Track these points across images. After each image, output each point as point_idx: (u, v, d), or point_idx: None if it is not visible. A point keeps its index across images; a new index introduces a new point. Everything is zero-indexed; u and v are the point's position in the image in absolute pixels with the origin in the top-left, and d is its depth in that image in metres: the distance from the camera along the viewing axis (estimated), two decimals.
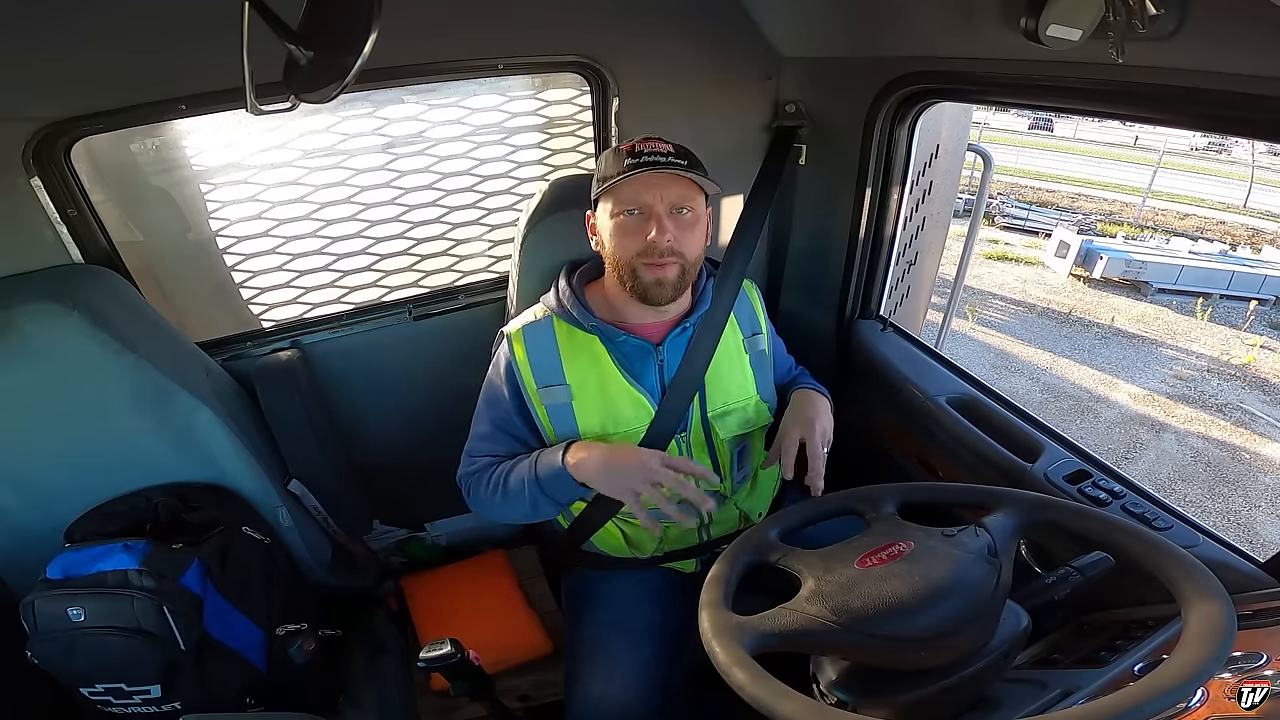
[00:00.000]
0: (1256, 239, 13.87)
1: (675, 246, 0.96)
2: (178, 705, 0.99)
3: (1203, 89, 0.72)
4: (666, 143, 0.97)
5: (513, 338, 1.05)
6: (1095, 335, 8.04)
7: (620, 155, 0.96)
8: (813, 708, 0.57)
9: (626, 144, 0.97)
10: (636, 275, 0.97)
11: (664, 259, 0.96)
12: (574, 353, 1.04)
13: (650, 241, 0.94)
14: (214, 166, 1.32)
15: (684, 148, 0.98)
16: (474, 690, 1.03)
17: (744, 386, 1.10)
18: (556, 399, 1.03)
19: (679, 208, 0.96)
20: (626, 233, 0.97)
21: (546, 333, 1.05)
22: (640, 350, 1.04)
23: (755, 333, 1.14)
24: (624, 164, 0.95)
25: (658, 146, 0.96)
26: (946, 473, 1.23)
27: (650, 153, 0.95)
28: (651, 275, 0.97)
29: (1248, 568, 0.82)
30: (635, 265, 0.97)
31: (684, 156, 0.96)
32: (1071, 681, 0.71)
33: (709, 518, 1.13)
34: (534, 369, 1.04)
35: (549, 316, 1.06)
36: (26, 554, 1.05)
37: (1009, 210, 13.31)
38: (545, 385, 1.03)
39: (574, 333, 1.04)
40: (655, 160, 0.94)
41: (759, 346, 1.14)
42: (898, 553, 0.69)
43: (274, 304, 1.45)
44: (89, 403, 1.02)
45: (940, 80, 1.13)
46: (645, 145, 0.96)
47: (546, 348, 1.04)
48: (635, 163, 0.94)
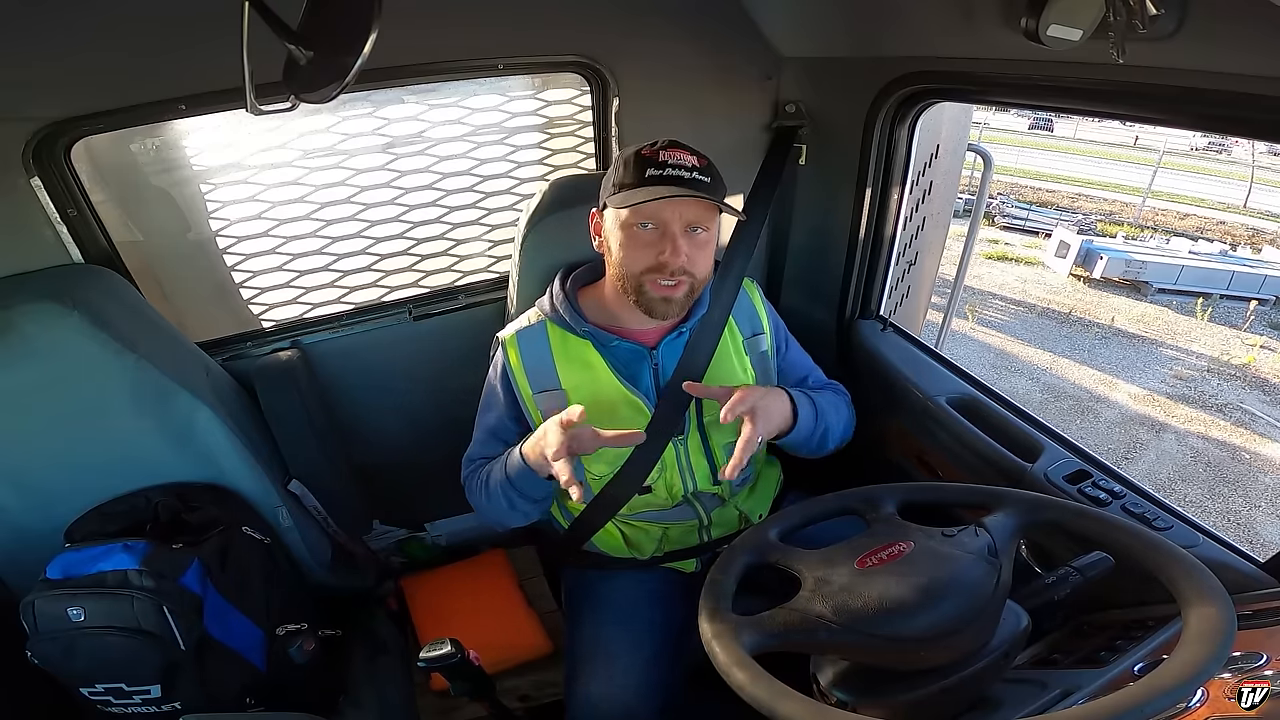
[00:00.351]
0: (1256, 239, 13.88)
1: (687, 266, 0.94)
2: (178, 705, 0.99)
3: (1203, 89, 0.72)
4: (691, 153, 0.93)
5: (507, 343, 1.05)
6: (1095, 335, 8.04)
7: (641, 162, 0.92)
8: (813, 708, 0.57)
9: (649, 148, 0.93)
10: (643, 291, 0.95)
11: (674, 278, 0.94)
12: (568, 357, 1.03)
13: (663, 261, 0.92)
14: (214, 166, 1.32)
15: (708, 160, 0.94)
16: (474, 690, 1.03)
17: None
18: (552, 404, 1.02)
19: (695, 226, 0.94)
20: (638, 246, 0.94)
21: (540, 337, 1.04)
22: (634, 354, 1.04)
23: (756, 333, 1.12)
24: (645, 174, 0.90)
25: (683, 159, 0.91)
26: (946, 473, 1.23)
27: (675, 165, 0.90)
28: (659, 294, 0.95)
29: (1248, 568, 0.82)
30: (643, 281, 0.95)
31: (707, 172, 0.93)
32: (1071, 681, 0.71)
33: (708, 519, 1.13)
34: (529, 374, 1.03)
35: (543, 321, 1.05)
36: (26, 554, 1.05)
37: (1009, 210, 13.31)
38: (541, 390, 1.03)
39: (568, 337, 1.03)
40: (679, 177, 0.90)
41: (760, 347, 1.12)
42: (898, 553, 0.69)
43: (274, 304, 1.45)
44: (89, 403, 1.02)
45: (940, 80, 1.12)
46: (670, 155, 0.91)
47: (540, 352, 1.03)
48: (658, 175, 0.90)
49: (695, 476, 1.08)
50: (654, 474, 1.06)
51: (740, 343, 1.10)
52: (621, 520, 1.13)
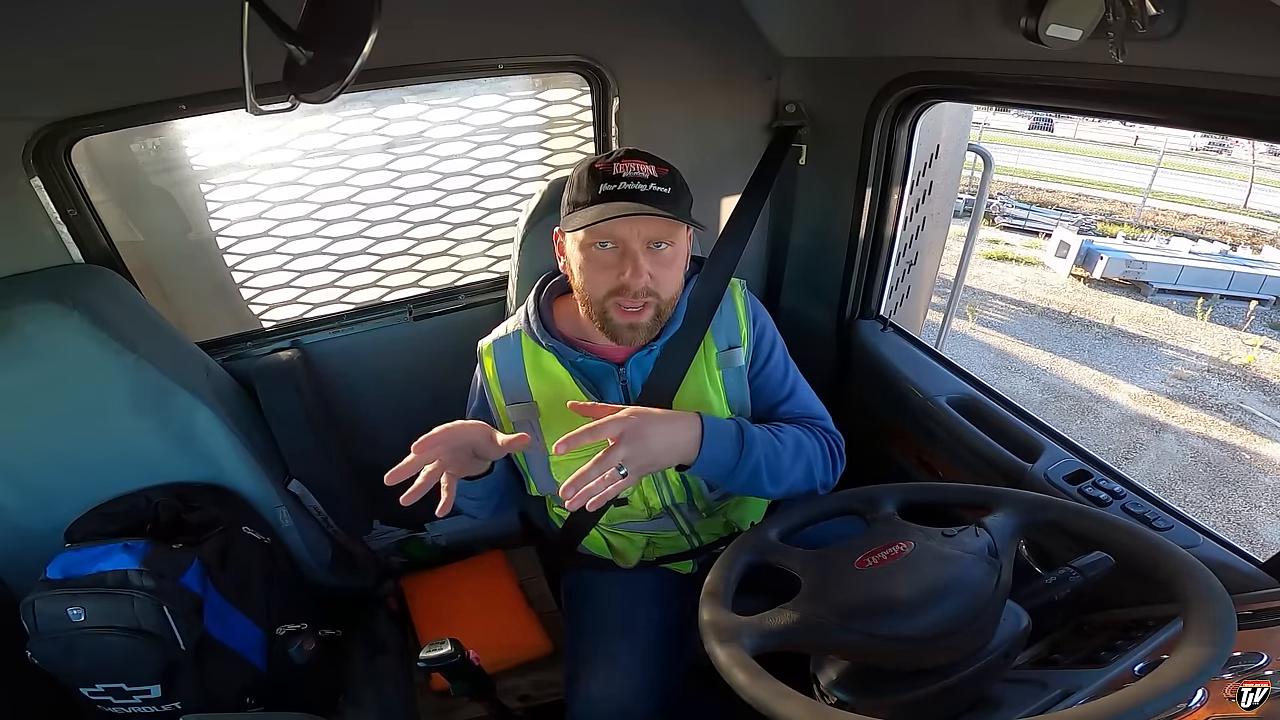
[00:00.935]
0: (1257, 239, 13.87)
1: (651, 286, 0.87)
2: (178, 705, 0.99)
3: (1202, 89, 0.72)
4: (650, 162, 0.85)
5: (483, 352, 1.01)
6: (1095, 335, 8.04)
7: (595, 176, 0.85)
8: (813, 708, 0.57)
9: (602, 161, 0.85)
10: (607, 317, 0.89)
11: (638, 300, 0.87)
12: (539, 370, 0.98)
13: (624, 282, 0.86)
14: (214, 166, 1.32)
15: (669, 168, 0.87)
16: (474, 690, 1.03)
17: (716, 406, 0.99)
18: (523, 416, 0.99)
19: (657, 242, 0.86)
20: (598, 268, 0.87)
21: (515, 348, 1.00)
22: (602, 371, 0.98)
23: (733, 345, 1.01)
24: (599, 189, 0.84)
25: (638, 169, 0.84)
26: (946, 473, 1.23)
27: (630, 178, 0.83)
28: (624, 319, 0.89)
29: (1248, 568, 0.82)
30: (606, 306, 0.88)
31: (667, 182, 0.85)
32: (1071, 681, 0.71)
33: (691, 529, 1.09)
34: (502, 385, 1.00)
35: (518, 331, 1.00)
36: (26, 554, 1.05)
37: (1009, 210, 13.31)
38: (513, 401, 0.99)
39: (538, 350, 0.98)
40: (634, 190, 0.83)
41: (736, 362, 1.00)
42: (898, 553, 0.69)
43: (274, 304, 1.45)
44: (89, 403, 1.02)
45: (940, 80, 1.13)
46: (624, 167, 0.84)
47: (514, 363, 0.99)
48: (612, 189, 0.83)
49: (670, 489, 1.04)
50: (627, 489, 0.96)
51: (714, 357, 0.99)
52: (605, 529, 1.12)
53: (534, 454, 1.01)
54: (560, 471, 0.98)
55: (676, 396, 0.97)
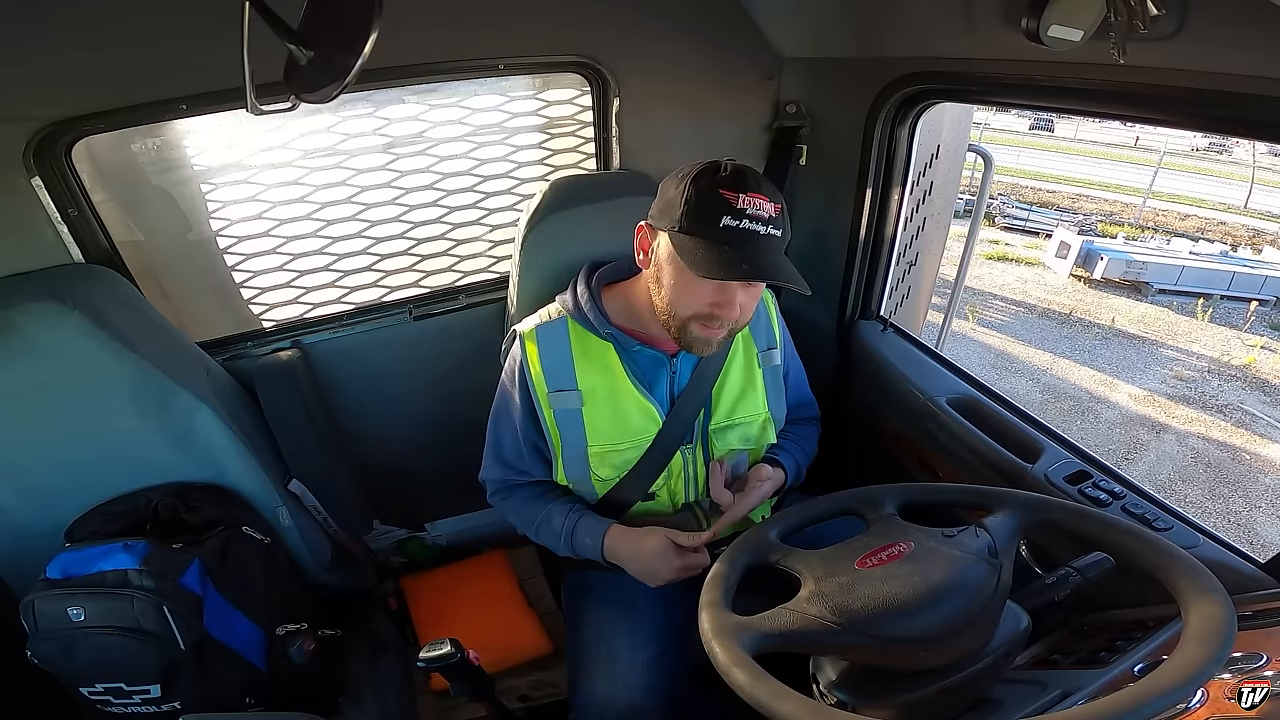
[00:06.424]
0: (1257, 240, 13.88)
1: (740, 319, 0.92)
2: (177, 705, 0.99)
3: (1204, 90, 0.72)
4: (767, 195, 0.85)
5: (525, 337, 1.02)
6: (1096, 336, 8.04)
7: (718, 204, 0.83)
8: (813, 708, 0.57)
9: (727, 187, 0.83)
10: (686, 329, 0.91)
11: (723, 328, 0.91)
12: (588, 358, 1.00)
13: (717, 314, 0.89)
14: (214, 166, 1.32)
15: (782, 204, 0.87)
16: (474, 690, 1.03)
17: (754, 402, 1.07)
18: (567, 404, 1.00)
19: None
20: (693, 290, 0.88)
21: (561, 334, 1.01)
22: (654, 361, 1.02)
23: (770, 346, 1.10)
24: (720, 221, 0.83)
25: (760, 207, 0.83)
26: (946, 473, 1.22)
27: (752, 216, 0.83)
28: (705, 335, 0.91)
29: (1248, 568, 0.82)
30: (688, 321, 0.91)
31: (780, 223, 0.86)
32: (1071, 682, 0.71)
33: (708, 524, 1.12)
34: (546, 372, 1.01)
35: (564, 318, 1.02)
36: (26, 554, 1.05)
37: (1009, 211, 13.31)
38: (556, 390, 1.01)
39: (588, 337, 1.01)
40: (753, 232, 0.83)
41: (774, 361, 1.10)
42: (898, 553, 0.69)
43: (274, 304, 1.45)
44: (89, 402, 1.02)
45: (941, 81, 1.12)
46: (748, 203, 0.83)
47: (560, 350, 1.01)
48: (734, 226, 0.83)
49: (698, 485, 1.08)
50: (659, 481, 1.06)
51: (755, 355, 1.09)
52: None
53: (572, 441, 1.02)
54: (598, 461, 1.03)
55: (723, 391, 1.05)
